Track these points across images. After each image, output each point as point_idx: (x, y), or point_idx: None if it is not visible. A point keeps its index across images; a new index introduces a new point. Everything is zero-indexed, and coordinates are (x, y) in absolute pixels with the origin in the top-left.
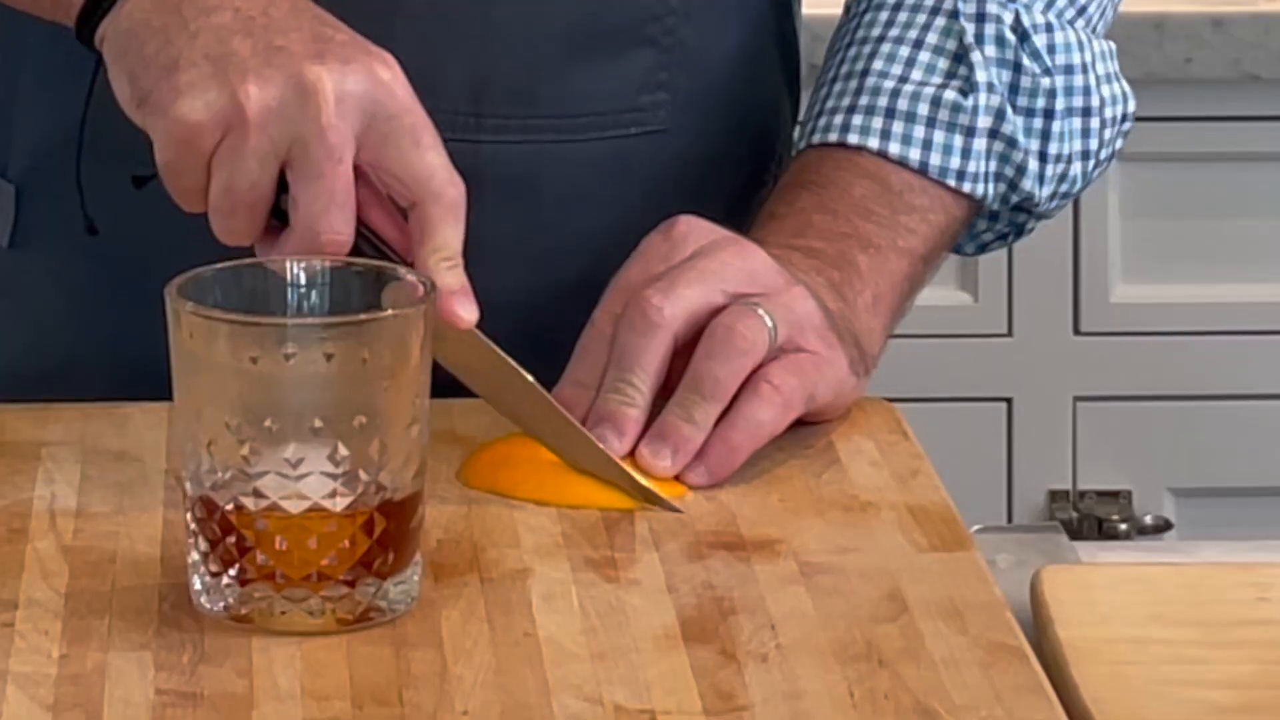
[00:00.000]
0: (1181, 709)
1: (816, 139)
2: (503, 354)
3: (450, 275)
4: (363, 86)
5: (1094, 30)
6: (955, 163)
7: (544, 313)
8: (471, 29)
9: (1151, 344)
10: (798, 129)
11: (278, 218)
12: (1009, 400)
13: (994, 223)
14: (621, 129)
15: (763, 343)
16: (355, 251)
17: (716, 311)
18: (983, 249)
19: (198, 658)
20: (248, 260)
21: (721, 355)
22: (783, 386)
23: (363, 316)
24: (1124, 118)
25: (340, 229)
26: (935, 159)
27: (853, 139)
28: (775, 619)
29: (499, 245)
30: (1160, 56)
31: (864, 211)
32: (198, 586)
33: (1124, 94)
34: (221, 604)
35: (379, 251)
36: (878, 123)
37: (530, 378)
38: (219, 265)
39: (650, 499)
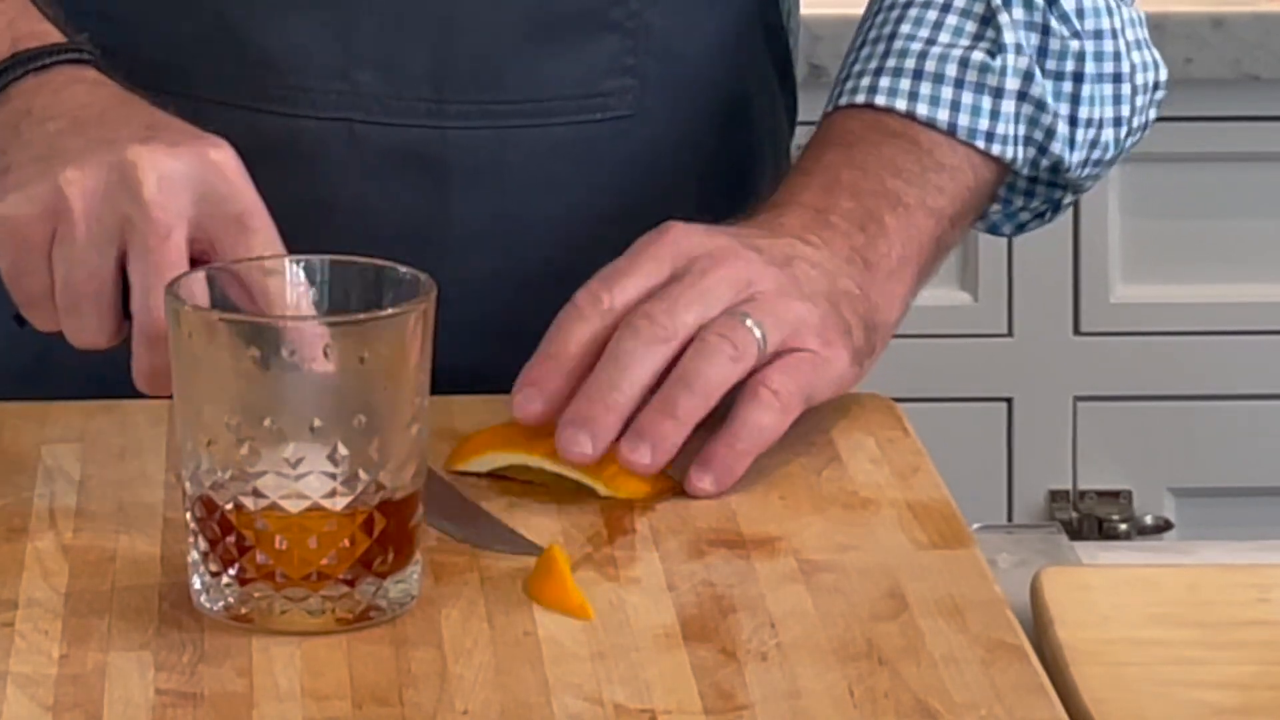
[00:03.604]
0: (1181, 710)
1: (844, 101)
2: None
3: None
4: (189, 167)
5: None
6: (984, 124)
7: (510, 298)
8: (432, 14)
9: (1151, 344)
10: (831, 91)
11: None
12: (1009, 400)
13: (1030, 199)
14: (587, 114)
15: (751, 353)
16: None
17: None
18: (1021, 228)
19: (198, 657)
20: (246, 260)
21: (711, 358)
22: (781, 390)
23: (362, 316)
24: (1156, 86)
25: None
26: (964, 119)
27: (880, 100)
28: (775, 617)
29: (464, 231)
30: (1160, 56)
31: (893, 169)
32: (198, 586)
33: (1155, 61)
34: (221, 603)
35: None
36: (905, 84)
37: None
38: (218, 265)
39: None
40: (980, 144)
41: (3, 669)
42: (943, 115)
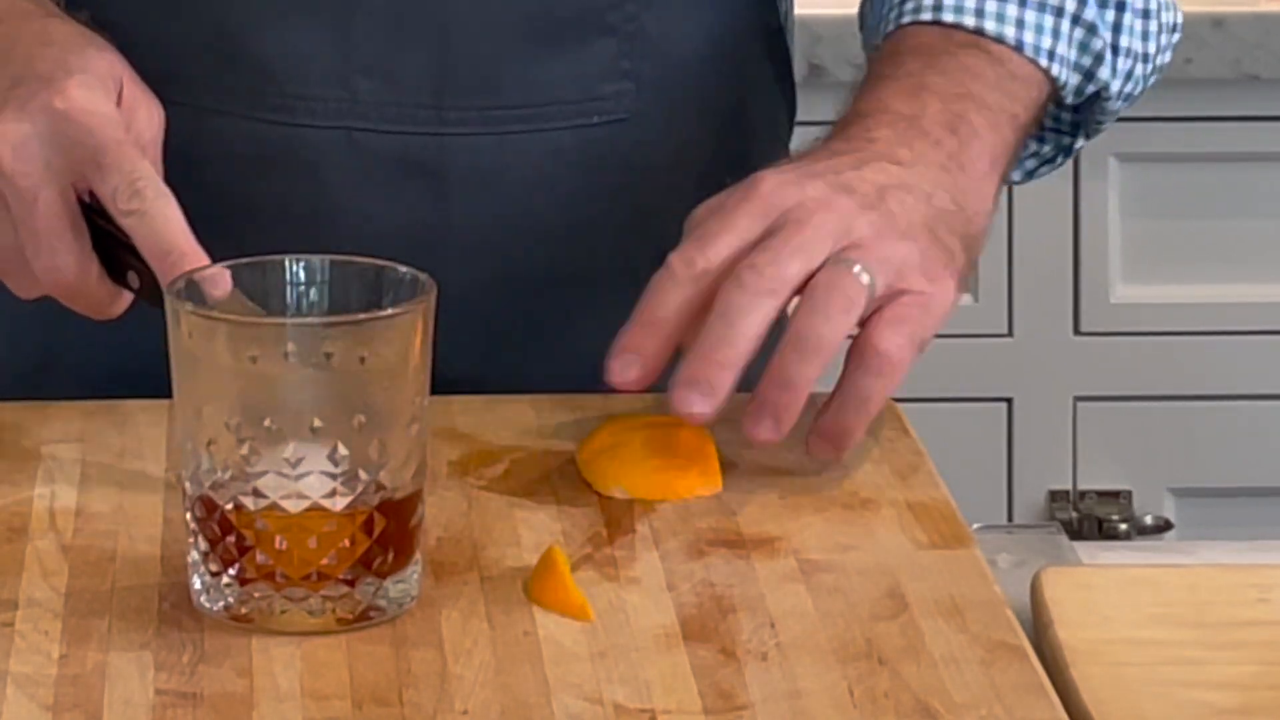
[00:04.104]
0: (1181, 710)
1: (907, 19)
2: None
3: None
4: (37, 125)
5: None
6: (1047, 42)
7: (510, 301)
8: (430, 21)
9: (1151, 344)
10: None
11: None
12: (1009, 400)
13: (1042, 145)
14: (584, 118)
15: (861, 300)
16: (125, 265)
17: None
18: (1029, 175)
19: (198, 658)
20: (246, 260)
21: (822, 313)
22: (890, 350)
23: (362, 316)
24: (1175, 27)
25: (57, 263)
26: (1029, 37)
27: (948, 17)
28: (775, 617)
29: (463, 236)
30: None
31: (972, 74)
32: (198, 586)
33: (1172, 2)
34: (221, 603)
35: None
36: (971, 1)
37: None
38: (217, 265)
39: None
40: (1044, 62)
41: (3, 669)
42: (1010, 31)
